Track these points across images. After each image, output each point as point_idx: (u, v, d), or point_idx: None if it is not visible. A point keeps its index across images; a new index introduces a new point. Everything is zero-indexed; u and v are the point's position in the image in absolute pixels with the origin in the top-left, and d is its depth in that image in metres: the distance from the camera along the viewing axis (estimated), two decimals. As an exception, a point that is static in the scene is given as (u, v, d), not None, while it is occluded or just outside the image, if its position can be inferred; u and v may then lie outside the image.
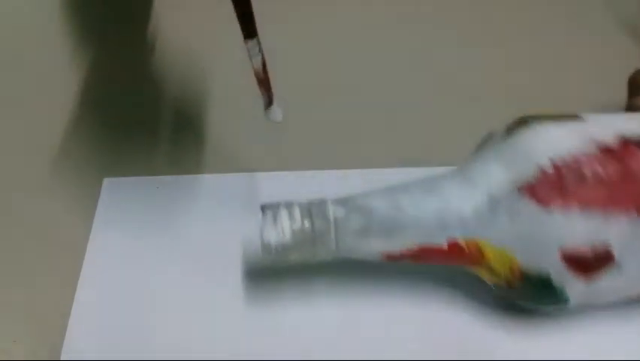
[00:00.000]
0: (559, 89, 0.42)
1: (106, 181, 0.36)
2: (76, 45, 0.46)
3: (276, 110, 0.31)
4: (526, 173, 0.27)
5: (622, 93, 0.39)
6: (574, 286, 0.27)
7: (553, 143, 0.27)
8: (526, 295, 0.28)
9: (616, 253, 0.26)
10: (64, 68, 0.44)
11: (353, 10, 0.49)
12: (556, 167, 0.26)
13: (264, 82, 0.30)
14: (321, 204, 0.28)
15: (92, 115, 0.40)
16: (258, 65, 0.29)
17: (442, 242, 0.28)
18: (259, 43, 0.28)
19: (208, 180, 0.36)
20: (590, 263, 0.26)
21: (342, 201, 0.28)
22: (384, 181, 0.36)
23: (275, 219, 0.27)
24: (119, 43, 0.46)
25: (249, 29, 0.28)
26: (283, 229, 0.27)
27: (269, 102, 0.30)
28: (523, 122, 0.29)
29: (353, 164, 0.37)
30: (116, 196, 0.35)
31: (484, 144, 0.30)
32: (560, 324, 0.30)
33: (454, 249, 0.28)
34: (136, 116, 0.40)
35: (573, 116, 0.29)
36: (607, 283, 0.27)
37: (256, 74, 0.29)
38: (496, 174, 0.28)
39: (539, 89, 0.42)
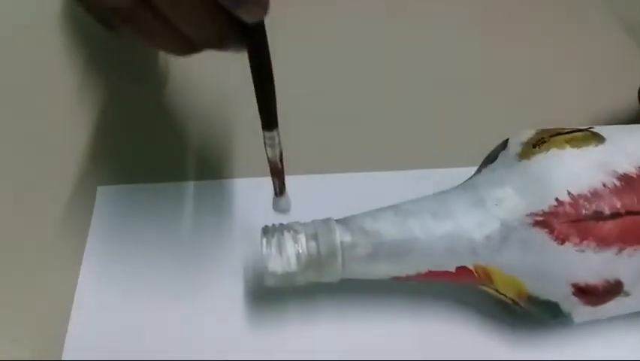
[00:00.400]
0: (559, 90, 0.42)
1: (100, 189, 0.34)
2: (71, 54, 0.43)
3: (287, 200, 0.28)
4: (542, 203, 0.26)
5: (622, 92, 0.39)
6: (581, 312, 0.27)
7: (572, 174, 0.26)
8: (531, 314, 0.28)
9: (625, 282, 0.26)
10: (56, 76, 0.41)
11: (354, 11, 0.47)
12: (574, 201, 0.25)
13: (278, 173, 0.27)
14: (327, 227, 0.27)
15: (85, 122, 0.38)
16: (275, 156, 0.26)
17: (451, 268, 0.27)
18: (279, 134, 0.25)
19: (204, 187, 0.35)
20: (600, 295, 0.26)
21: (349, 224, 0.27)
22: (389, 185, 0.35)
23: (279, 246, 0.26)
24: (115, 53, 0.43)
25: (269, 120, 0.25)
26: (289, 258, 0.26)
27: (280, 192, 0.28)
28: (540, 142, 0.27)
29: (358, 167, 0.36)
30: (111, 204, 0.34)
31: (497, 156, 0.29)
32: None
33: (462, 273, 0.27)
34: (130, 122, 0.38)
35: (591, 136, 0.27)
36: (614, 306, 0.27)
37: (271, 165, 0.26)
38: (510, 200, 0.26)
39: (540, 90, 0.42)
